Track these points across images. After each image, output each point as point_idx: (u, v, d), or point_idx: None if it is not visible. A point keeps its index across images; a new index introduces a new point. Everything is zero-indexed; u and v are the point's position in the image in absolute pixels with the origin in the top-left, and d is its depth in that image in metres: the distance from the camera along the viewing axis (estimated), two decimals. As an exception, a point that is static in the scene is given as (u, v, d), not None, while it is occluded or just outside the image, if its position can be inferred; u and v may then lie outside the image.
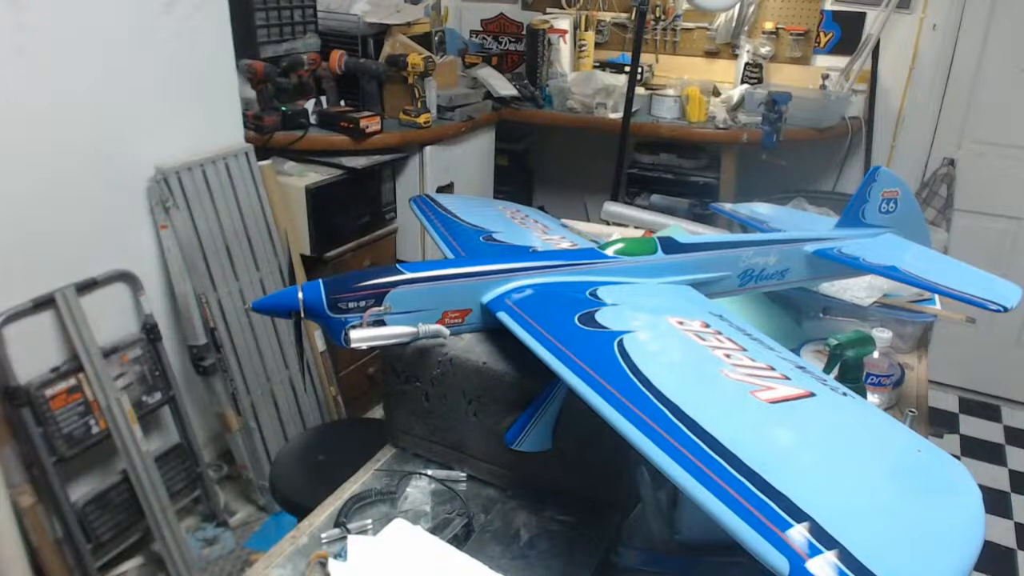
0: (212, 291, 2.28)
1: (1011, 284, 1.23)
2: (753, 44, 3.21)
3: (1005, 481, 2.85)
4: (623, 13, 3.54)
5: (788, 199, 2.56)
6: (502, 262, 1.11)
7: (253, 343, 2.39)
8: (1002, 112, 3.03)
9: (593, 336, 0.92)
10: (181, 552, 2.15)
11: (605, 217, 2.20)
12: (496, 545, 0.98)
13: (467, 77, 3.26)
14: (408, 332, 1.02)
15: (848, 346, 1.19)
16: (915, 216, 1.51)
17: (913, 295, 1.53)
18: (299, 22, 2.72)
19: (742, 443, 0.70)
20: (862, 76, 3.08)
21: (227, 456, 2.51)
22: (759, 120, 2.89)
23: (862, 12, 3.09)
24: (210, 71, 2.31)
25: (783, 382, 0.82)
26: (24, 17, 1.79)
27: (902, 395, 1.41)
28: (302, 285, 1.02)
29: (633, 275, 1.15)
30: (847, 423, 0.79)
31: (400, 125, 2.76)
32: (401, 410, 1.17)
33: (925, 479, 0.71)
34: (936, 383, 3.30)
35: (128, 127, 2.10)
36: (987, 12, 2.96)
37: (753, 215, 1.68)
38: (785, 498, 0.64)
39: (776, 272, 1.31)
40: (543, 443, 1.03)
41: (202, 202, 2.26)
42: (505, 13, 3.77)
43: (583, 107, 3.20)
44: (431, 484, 1.13)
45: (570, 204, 3.78)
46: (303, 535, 1.05)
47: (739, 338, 0.94)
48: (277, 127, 2.54)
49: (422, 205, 1.57)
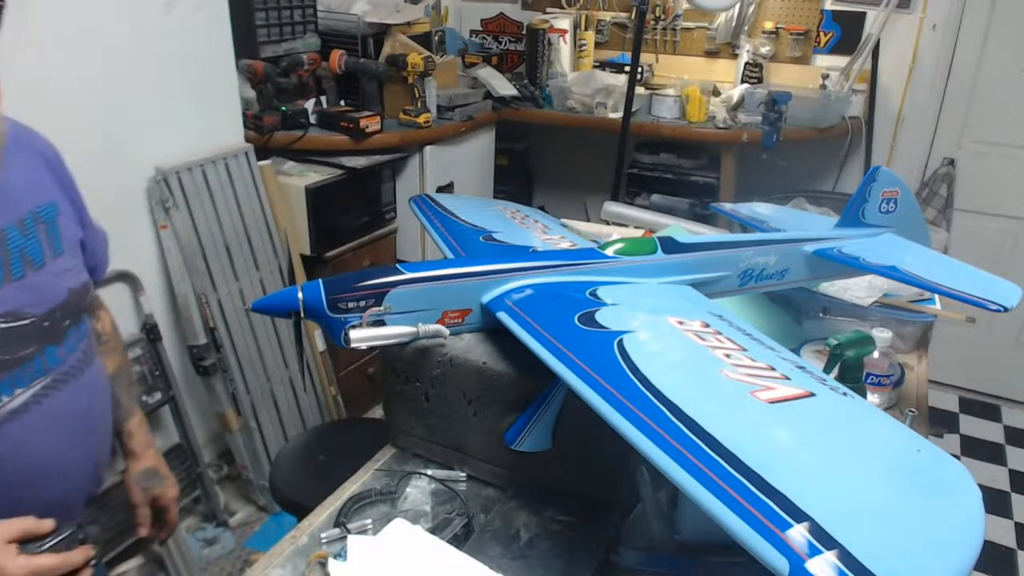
0: (212, 291, 2.28)
1: (1011, 284, 1.23)
2: (753, 44, 3.21)
3: (1005, 481, 2.85)
4: (623, 13, 3.54)
5: (788, 199, 2.56)
6: (502, 262, 1.11)
7: (253, 343, 2.39)
8: (1002, 112, 3.03)
9: (593, 336, 0.92)
10: (181, 552, 2.15)
11: (605, 217, 2.20)
12: (496, 545, 0.98)
13: (467, 77, 3.26)
14: (408, 332, 1.02)
15: (848, 346, 1.19)
16: (915, 216, 1.51)
17: (913, 295, 1.53)
18: (299, 22, 2.72)
19: (742, 443, 0.70)
20: (862, 76, 3.08)
21: (227, 456, 2.51)
22: (759, 120, 2.89)
23: (862, 12, 3.09)
24: (210, 71, 2.31)
25: (783, 382, 0.82)
26: (24, 17, 1.79)
27: (902, 395, 1.41)
28: (302, 285, 1.02)
29: (633, 275, 1.15)
30: (847, 423, 0.79)
31: (400, 125, 2.76)
32: (401, 410, 1.17)
33: (925, 479, 0.71)
34: (936, 383, 3.30)
35: (128, 127, 2.10)
36: (987, 12, 2.96)
37: (753, 215, 1.68)
38: (785, 498, 0.64)
39: (776, 272, 1.31)
40: (543, 443, 1.03)
41: (202, 202, 2.26)
42: (505, 13, 3.77)
43: (583, 107, 3.20)
44: (431, 484, 1.13)
45: (570, 204, 3.78)
46: (303, 535, 1.05)
47: (739, 338, 0.94)
48: (277, 127, 2.54)
49: (422, 205, 1.57)
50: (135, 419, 1.21)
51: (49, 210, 1.02)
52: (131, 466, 1.20)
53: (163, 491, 1.20)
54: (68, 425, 1.00)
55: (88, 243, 1.12)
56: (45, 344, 0.96)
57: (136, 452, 1.20)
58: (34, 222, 0.99)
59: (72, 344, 1.02)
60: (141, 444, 1.21)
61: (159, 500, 1.20)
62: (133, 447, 1.20)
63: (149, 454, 1.21)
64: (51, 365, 0.97)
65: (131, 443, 1.20)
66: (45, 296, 0.97)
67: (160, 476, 1.20)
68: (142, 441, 1.21)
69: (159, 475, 1.20)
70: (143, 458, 1.20)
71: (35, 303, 0.95)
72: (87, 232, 1.12)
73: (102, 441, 1.11)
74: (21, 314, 0.93)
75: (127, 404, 1.21)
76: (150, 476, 1.19)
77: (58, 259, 1.01)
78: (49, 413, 0.97)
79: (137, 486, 1.18)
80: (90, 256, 1.12)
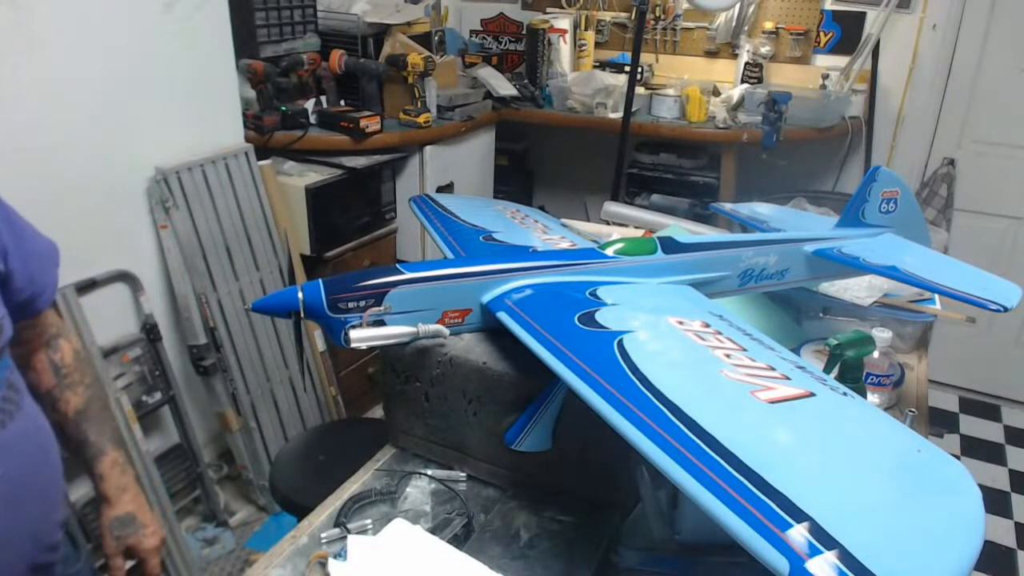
0: (212, 291, 2.28)
1: (1011, 284, 1.23)
2: (753, 44, 3.21)
3: (1005, 481, 2.85)
4: (623, 13, 3.54)
5: (788, 199, 2.56)
6: (502, 262, 1.11)
7: (253, 343, 2.39)
8: (1002, 112, 3.03)
9: (593, 336, 0.92)
10: (181, 552, 2.15)
11: (605, 217, 2.20)
12: (496, 545, 0.98)
13: (467, 77, 3.26)
14: (408, 332, 1.02)
15: (848, 346, 1.19)
16: (915, 216, 1.51)
17: (913, 295, 1.53)
18: (299, 22, 2.72)
19: (742, 443, 0.70)
20: (862, 76, 3.08)
21: (227, 456, 2.51)
22: (759, 120, 2.89)
23: (862, 12, 3.09)
24: (210, 71, 2.31)
25: (783, 382, 0.82)
26: (23, 17, 1.79)
27: (902, 395, 1.41)
28: (302, 285, 1.02)
29: (633, 275, 1.15)
30: (847, 423, 0.79)
31: (400, 125, 2.76)
32: (401, 410, 1.17)
33: (925, 479, 0.71)
34: (936, 383, 3.30)
35: (128, 127, 2.10)
36: (987, 12, 2.96)
37: (753, 215, 1.68)
38: (785, 498, 0.64)
39: (776, 272, 1.31)
40: (543, 443, 1.03)
41: (202, 202, 2.26)
42: (505, 13, 3.77)
43: (583, 107, 3.20)
44: (431, 484, 1.13)
45: (570, 204, 3.78)
46: (303, 535, 1.05)
47: (739, 338, 0.94)
48: (277, 127, 2.54)
49: (422, 205, 1.57)
50: (107, 459, 1.08)
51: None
52: (104, 512, 1.08)
53: (138, 540, 1.08)
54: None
55: (18, 273, 0.95)
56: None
57: (109, 497, 1.07)
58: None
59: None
60: (114, 488, 1.08)
61: (135, 550, 1.08)
62: (105, 491, 1.08)
63: (124, 499, 1.08)
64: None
65: (103, 486, 1.08)
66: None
67: (137, 524, 1.08)
68: (115, 484, 1.08)
69: (136, 523, 1.08)
70: (116, 504, 1.08)
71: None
72: (13, 261, 0.94)
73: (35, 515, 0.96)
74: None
75: (97, 442, 1.08)
76: (125, 524, 1.07)
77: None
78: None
79: (109, 534, 1.07)
80: (25, 284, 0.97)
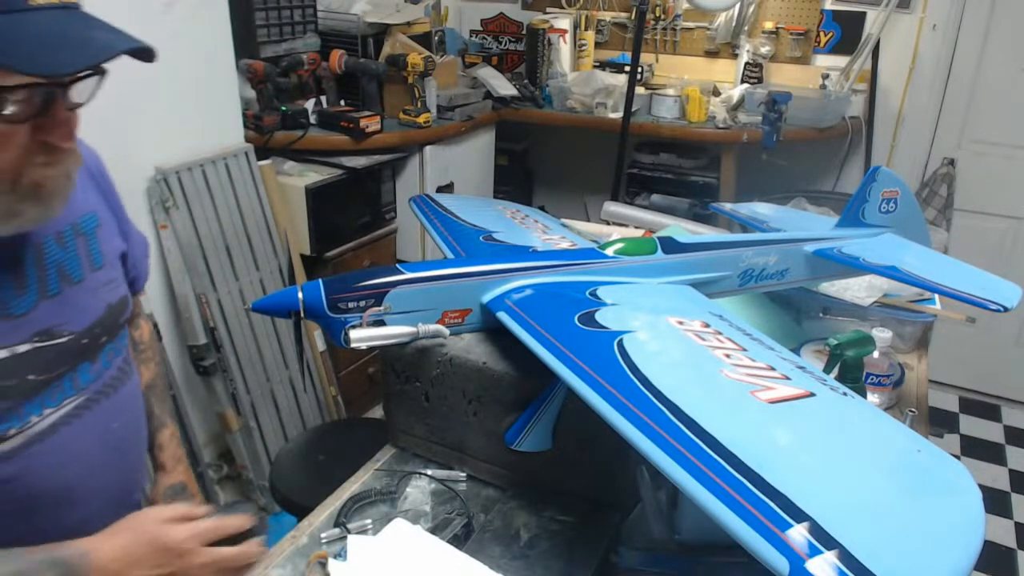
0: (212, 291, 2.28)
1: (1011, 284, 1.23)
2: (753, 44, 3.21)
3: (1005, 481, 2.85)
4: (623, 13, 3.54)
5: (788, 199, 2.56)
6: (502, 262, 1.11)
7: (253, 343, 2.39)
8: (1002, 112, 3.03)
9: (593, 336, 0.92)
10: (181, 552, 2.15)
11: (605, 217, 2.20)
12: (496, 545, 0.98)
13: (467, 77, 3.26)
14: (408, 332, 1.02)
15: (848, 346, 1.19)
16: (915, 216, 1.52)
17: (913, 295, 1.53)
18: (299, 22, 2.72)
19: (742, 443, 0.70)
20: (862, 76, 3.08)
21: (227, 456, 2.51)
22: (759, 120, 2.88)
23: (862, 12, 3.09)
24: (210, 71, 2.31)
25: (783, 382, 0.82)
26: (24, 17, 1.79)
27: (902, 395, 1.41)
28: (302, 285, 1.02)
29: (633, 275, 1.15)
30: (847, 423, 0.79)
31: (400, 125, 2.76)
32: (401, 410, 1.17)
33: (925, 479, 0.71)
34: (936, 383, 3.30)
35: (128, 127, 2.09)
36: (987, 12, 2.96)
37: (753, 215, 1.68)
38: (785, 498, 0.64)
39: (776, 272, 1.31)
40: (543, 443, 1.03)
41: (202, 202, 2.26)
42: (505, 13, 3.77)
43: (583, 107, 3.20)
44: (431, 484, 1.13)
45: (570, 204, 3.78)
46: (303, 535, 1.05)
47: (739, 338, 0.94)
48: (277, 127, 2.54)
49: (422, 205, 1.57)
50: (167, 431, 1.16)
51: (89, 222, 0.97)
52: (159, 480, 1.14)
53: None
54: (96, 447, 0.94)
55: (130, 254, 1.07)
56: (78, 362, 0.91)
57: (165, 466, 1.14)
58: (73, 235, 0.93)
59: (107, 361, 0.96)
60: (171, 458, 1.15)
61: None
62: (163, 460, 1.14)
63: (179, 469, 1.15)
64: (83, 384, 0.92)
65: (161, 456, 1.14)
66: (82, 313, 0.92)
67: (188, 493, 1.14)
68: (172, 455, 1.15)
69: (187, 491, 1.14)
70: (172, 473, 1.14)
71: (71, 321, 0.90)
72: (129, 243, 1.07)
73: (134, 464, 1.05)
74: (56, 333, 0.88)
75: (160, 415, 1.16)
76: (177, 492, 1.13)
77: (97, 273, 0.96)
78: (77, 434, 0.91)
79: (162, 501, 1.11)
80: (131, 267, 1.08)
